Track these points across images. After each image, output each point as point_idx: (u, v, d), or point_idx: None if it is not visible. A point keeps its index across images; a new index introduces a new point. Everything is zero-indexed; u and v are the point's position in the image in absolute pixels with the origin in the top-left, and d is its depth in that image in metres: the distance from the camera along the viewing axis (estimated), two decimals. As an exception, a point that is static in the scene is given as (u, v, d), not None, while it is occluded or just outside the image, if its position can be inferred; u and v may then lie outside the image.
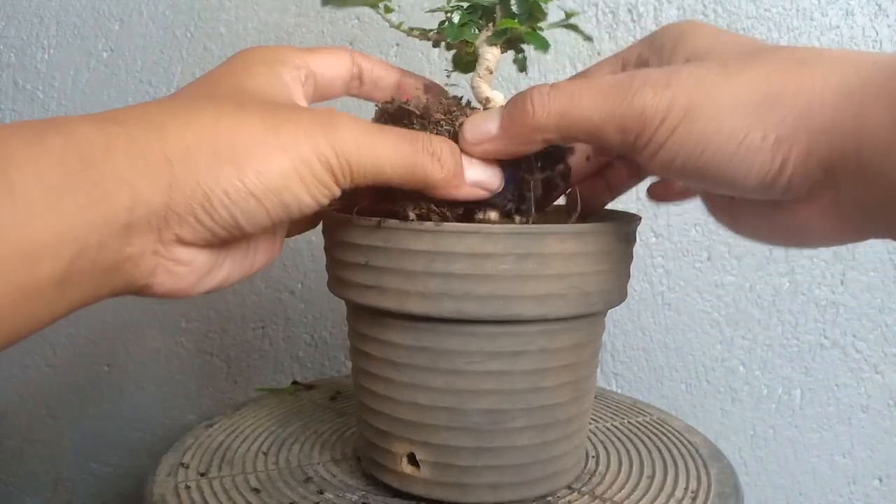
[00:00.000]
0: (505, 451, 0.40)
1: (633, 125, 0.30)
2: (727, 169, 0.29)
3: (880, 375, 0.70)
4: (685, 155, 0.29)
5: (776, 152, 0.28)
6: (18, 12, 0.81)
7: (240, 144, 0.28)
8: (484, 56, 0.39)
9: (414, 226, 0.36)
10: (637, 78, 0.30)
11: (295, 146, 0.29)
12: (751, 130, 0.28)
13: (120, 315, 0.84)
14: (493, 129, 0.34)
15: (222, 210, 0.28)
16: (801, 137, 0.27)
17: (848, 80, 0.26)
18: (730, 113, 0.28)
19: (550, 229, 0.36)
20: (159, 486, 0.44)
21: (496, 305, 0.37)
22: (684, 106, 0.29)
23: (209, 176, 0.28)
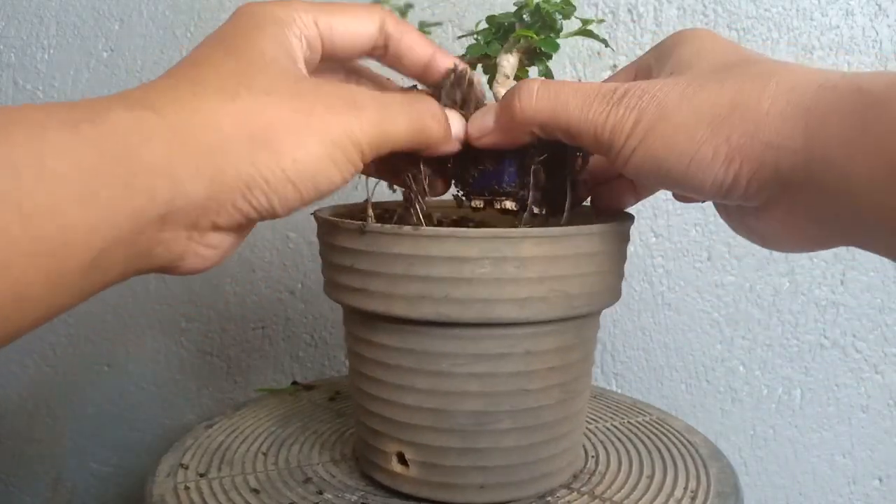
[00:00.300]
0: (491, 452, 0.40)
1: (604, 138, 0.33)
2: (685, 179, 0.31)
3: (880, 375, 0.70)
4: (648, 167, 0.32)
5: (727, 167, 0.29)
6: (18, 12, 0.81)
7: (274, 129, 0.29)
8: (501, 64, 0.41)
9: (394, 229, 0.37)
10: (618, 91, 0.32)
11: (327, 130, 0.30)
12: (701, 147, 0.30)
13: (120, 315, 0.84)
14: (490, 123, 0.37)
15: (261, 197, 0.29)
16: (750, 153, 0.29)
17: (794, 102, 0.28)
18: (684, 131, 0.30)
19: (527, 233, 0.36)
20: (159, 487, 0.44)
21: (476, 308, 0.37)
22: (646, 125, 0.31)
23: (249, 164, 0.28)
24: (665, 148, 0.31)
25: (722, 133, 0.29)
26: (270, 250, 0.78)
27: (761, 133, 0.28)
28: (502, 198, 0.40)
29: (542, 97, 0.34)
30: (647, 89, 0.32)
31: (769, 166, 0.29)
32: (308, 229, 0.77)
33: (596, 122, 0.33)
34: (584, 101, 0.33)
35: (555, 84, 0.34)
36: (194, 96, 0.28)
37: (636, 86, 0.32)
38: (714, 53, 0.33)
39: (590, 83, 0.34)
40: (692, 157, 0.30)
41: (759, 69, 0.30)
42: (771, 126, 0.28)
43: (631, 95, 0.32)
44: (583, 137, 0.34)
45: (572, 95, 0.33)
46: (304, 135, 0.29)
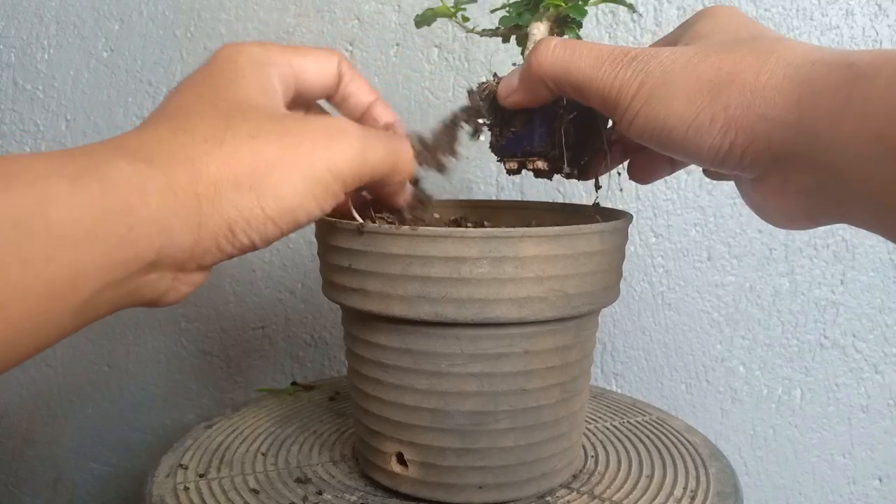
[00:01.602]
0: (489, 452, 0.40)
1: (611, 98, 0.33)
2: (684, 144, 0.32)
3: (880, 375, 0.70)
4: (650, 129, 0.32)
5: (724, 134, 0.30)
6: (18, 12, 0.81)
7: (258, 170, 0.30)
8: (531, 32, 0.42)
9: (392, 230, 0.37)
10: (629, 55, 0.33)
11: (311, 165, 0.31)
12: (700, 112, 0.31)
13: (120, 315, 0.83)
14: (515, 82, 0.39)
15: (243, 237, 0.30)
16: (745, 123, 0.30)
17: (789, 77, 0.29)
18: (685, 96, 0.31)
19: (526, 232, 0.36)
20: (158, 488, 0.44)
21: (475, 308, 0.37)
22: (650, 87, 0.32)
23: (232, 208, 0.29)
24: (666, 111, 0.31)
25: (720, 101, 0.30)
26: (270, 250, 0.78)
27: (757, 105, 0.29)
28: (534, 158, 0.41)
29: (557, 52, 0.35)
30: (656, 55, 0.32)
31: (762, 138, 0.29)
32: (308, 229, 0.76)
33: (604, 81, 0.33)
34: (596, 60, 0.34)
35: (573, 42, 0.36)
36: (185, 147, 0.29)
37: (646, 51, 0.33)
38: (729, 28, 0.34)
39: (603, 45, 0.35)
40: (691, 123, 0.31)
41: (764, 44, 0.31)
42: (766, 99, 0.29)
43: (640, 60, 0.33)
44: (591, 95, 0.35)
45: (586, 54, 0.35)
46: (287, 173, 0.31)
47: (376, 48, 0.74)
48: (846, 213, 0.30)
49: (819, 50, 0.29)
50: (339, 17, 0.74)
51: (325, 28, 0.75)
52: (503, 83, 0.39)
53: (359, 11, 0.73)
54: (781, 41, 0.31)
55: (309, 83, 0.37)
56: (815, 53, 0.29)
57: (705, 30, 0.34)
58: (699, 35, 0.34)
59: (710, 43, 0.33)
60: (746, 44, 0.31)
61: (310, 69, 0.37)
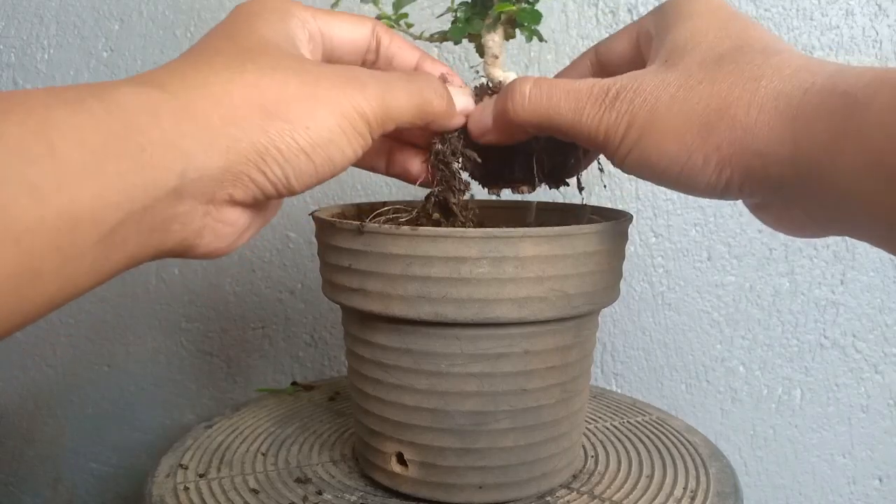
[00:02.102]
0: (489, 452, 0.40)
1: (599, 140, 0.33)
2: (679, 182, 0.31)
3: (880, 375, 0.70)
4: (643, 169, 0.32)
5: (719, 172, 0.30)
6: (18, 12, 0.81)
7: (285, 101, 0.29)
8: (486, 45, 0.41)
9: (392, 230, 0.37)
10: (610, 92, 0.33)
11: (336, 101, 0.30)
12: (692, 154, 0.30)
13: (120, 315, 0.84)
14: (488, 123, 0.38)
15: (276, 168, 0.29)
16: (739, 161, 0.29)
17: (781, 111, 0.28)
18: (674, 137, 0.30)
19: (526, 232, 0.36)
20: (158, 488, 0.44)
21: (474, 308, 0.37)
22: (638, 130, 0.32)
23: (262, 134, 0.28)
24: (657, 153, 0.31)
25: (712, 141, 0.29)
26: (270, 250, 0.78)
27: (750, 142, 0.29)
28: (516, 184, 0.41)
29: (533, 100, 0.35)
30: (639, 90, 0.32)
31: (759, 173, 0.29)
32: (308, 229, 0.77)
33: (589, 126, 0.33)
34: (576, 104, 0.33)
35: (546, 85, 0.34)
36: (202, 73, 0.28)
37: (628, 85, 0.32)
38: (709, 37, 0.32)
39: (583, 81, 0.34)
40: (684, 164, 0.30)
41: (750, 69, 0.30)
42: (759, 136, 0.28)
43: (622, 99, 0.32)
44: (578, 139, 0.34)
45: (564, 97, 0.34)
46: (313, 106, 0.30)
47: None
48: (851, 229, 0.29)
49: (806, 71, 0.28)
50: (339, 17, 0.74)
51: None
52: (474, 122, 0.38)
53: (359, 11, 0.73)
54: (767, 59, 0.30)
55: (337, 44, 0.36)
56: (805, 78, 0.28)
57: (683, 40, 0.33)
58: (679, 49, 0.33)
59: (693, 64, 0.31)
60: (731, 66, 0.30)
61: (339, 30, 0.36)
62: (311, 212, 0.43)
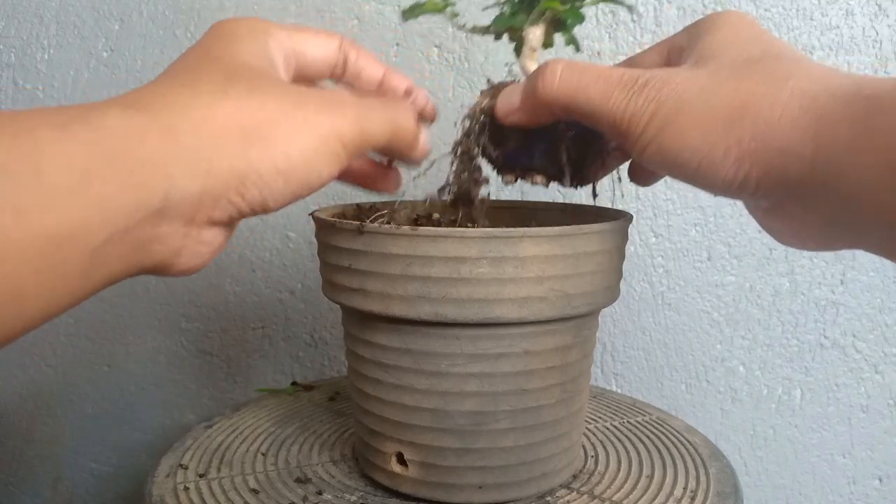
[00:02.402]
0: (489, 452, 0.40)
1: (622, 126, 0.33)
2: (697, 175, 0.31)
3: (880, 375, 0.70)
4: (662, 159, 0.32)
5: (738, 167, 0.30)
6: (18, 12, 0.81)
7: (265, 124, 0.29)
8: (527, 37, 0.41)
9: (392, 230, 0.37)
10: (640, 80, 0.33)
11: (316, 125, 0.31)
12: (713, 146, 0.30)
13: (120, 315, 0.84)
14: (516, 102, 0.38)
15: (254, 190, 0.29)
16: (760, 157, 0.29)
17: (805, 109, 0.28)
18: (698, 128, 0.31)
19: (526, 232, 0.36)
20: (158, 488, 0.44)
21: (474, 308, 0.37)
22: (663, 118, 0.31)
23: (242, 159, 0.28)
24: (679, 142, 0.31)
25: (734, 134, 0.29)
26: (270, 250, 0.78)
27: (772, 138, 0.29)
28: (532, 173, 0.41)
29: (564, 80, 0.35)
30: (668, 81, 0.32)
31: (778, 170, 0.29)
32: (308, 229, 0.77)
33: (615, 110, 0.33)
34: (605, 87, 0.33)
35: (579, 67, 0.35)
36: (183, 97, 0.28)
37: (658, 76, 0.32)
38: (739, 44, 0.33)
39: (614, 68, 0.34)
40: (704, 155, 0.30)
41: (778, 70, 0.30)
42: (782, 132, 0.28)
43: (651, 87, 0.32)
44: (602, 123, 0.34)
45: (594, 80, 0.34)
46: (293, 130, 0.30)
47: (376, 48, 0.74)
48: (862, 240, 0.29)
49: (834, 76, 0.29)
50: (339, 17, 0.74)
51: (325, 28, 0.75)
52: (503, 101, 0.39)
53: (359, 11, 0.73)
54: (796, 63, 0.30)
55: (309, 61, 0.37)
56: (832, 81, 0.28)
57: (715, 45, 0.33)
58: (709, 52, 0.33)
59: (722, 65, 0.32)
60: (760, 66, 0.31)
61: (310, 47, 0.37)
62: (311, 212, 0.43)
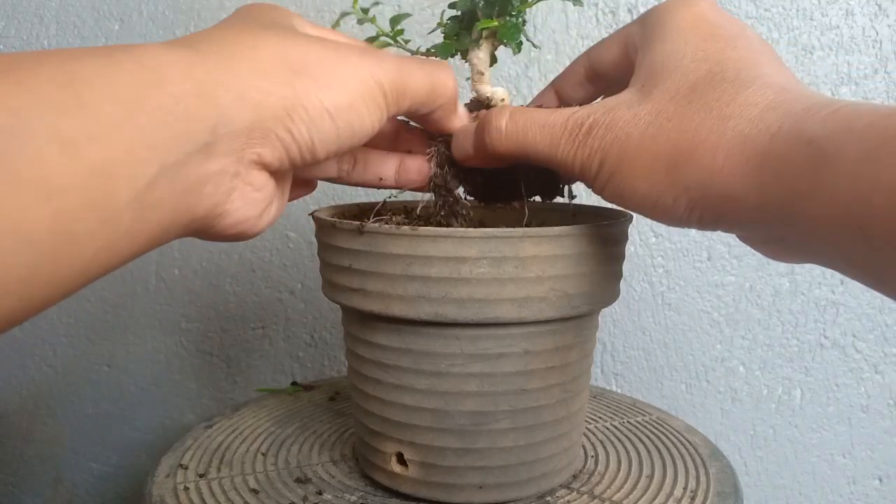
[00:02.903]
0: (489, 452, 0.40)
1: (574, 174, 0.34)
2: (654, 216, 0.32)
3: (880, 375, 0.70)
4: (619, 202, 0.33)
5: (689, 211, 0.30)
6: (18, 12, 0.81)
7: (309, 60, 0.29)
8: (472, 62, 0.41)
9: (392, 230, 0.37)
10: (583, 127, 0.33)
11: (357, 67, 0.31)
12: (662, 194, 0.31)
13: (120, 315, 0.84)
14: (469, 150, 0.38)
15: (302, 127, 0.29)
16: (708, 203, 0.30)
17: (748, 156, 0.28)
18: (644, 177, 0.31)
19: (526, 232, 0.36)
20: (158, 488, 0.44)
21: (474, 309, 0.37)
22: (610, 168, 0.32)
23: (289, 89, 0.28)
24: (630, 190, 0.32)
25: (681, 182, 0.30)
26: (270, 250, 0.78)
27: (717, 187, 0.29)
28: (510, 202, 0.42)
29: (509, 135, 0.35)
30: (612, 126, 0.32)
31: (729, 214, 0.29)
32: (308, 229, 0.77)
33: (564, 160, 0.34)
34: (550, 139, 0.34)
35: (522, 119, 0.35)
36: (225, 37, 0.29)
37: (601, 121, 0.33)
38: (685, 62, 0.32)
39: (559, 112, 0.34)
40: (655, 202, 0.31)
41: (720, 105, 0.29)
42: (726, 181, 0.29)
43: (594, 135, 0.33)
44: (555, 168, 0.35)
45: (539, 132, 0.34)
46: (336, 68, 0.30)
47: (376, 48, 0.73)
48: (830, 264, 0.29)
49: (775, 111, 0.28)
50: (339, 17, 0.74)
51: (325, 28, 0.75)
52: (457, 146, 0.39)
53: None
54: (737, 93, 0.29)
55: None
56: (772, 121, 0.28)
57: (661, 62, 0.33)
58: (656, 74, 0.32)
59: (666, 94, 0.31)
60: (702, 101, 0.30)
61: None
62: (311, 212, 0.43)
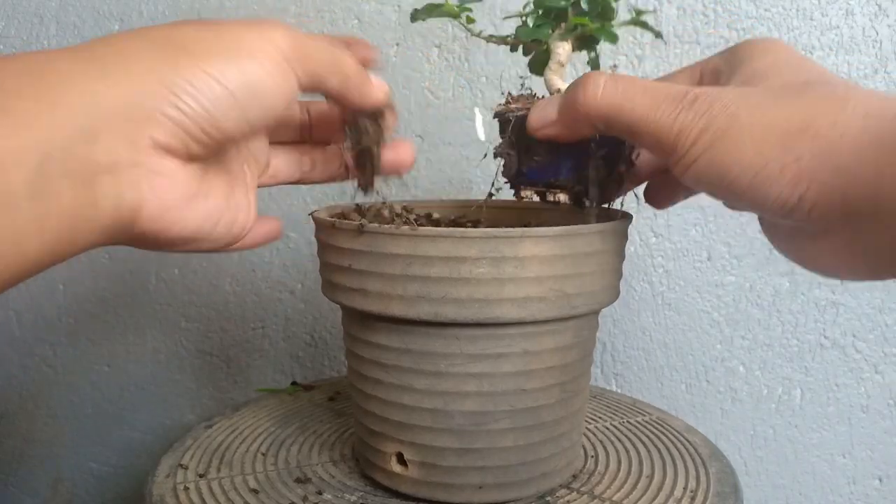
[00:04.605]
0: (489, 452, 0.40)
1: (669, 140, 0.31)
2: (747, 194, 0.30)
3: (880, 375, 0.70)
4: (710, 176, 0.31)
5: (794, 185, 0.28)
6: (18, 12, 0.81)
7: (187, 39, 0.28)
8: (555, 51, 0.40)
9: (392, 230, 0.37)
10: (689, 94, 0.31)
11: (242, 31, 0.30)
12: (769, 162, 0.29)
13: (120, 315, 0.84)
14: (552, 115, 0.36)
15: (190, 101, 0.28)
16: (819, 176, 0.28)
17: (869, 129, 0.27)
18: (754, 143, 0.29)
19: (526, 232, 0.36)
20: (158, 488, 0.44)
21: (474, 308, 0.37)
22: (715, 133, 0.30)
23: (167, 68, 0.27)
24: (731, 159, 0.30)
25: (793, 152, 0.28)
26: (270, 250, 0.78)
27: (833, 157, 0.27)
28: (556, 190, 0.40)
29: (608, 92, 0.33)
30: (720, 97, 0.31)
31: (837, 192, 0.28)
32: (308, 229, 0.77)
33: (663, 123, 0.31)
34: (652, 100, 0.32)
35: (623, 79, 0.33)
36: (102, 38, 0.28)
37: (708, 92, 0.31)
38: (789, 68, 0.32)
39: (659, 83, 0.33)
40: (758, 172, 0.29)
41: (836, 91, 0.29)
42: (843, 152, 0.27)
43: (702, 101, 0.31)
44: (645, 138, 0.33)
45: (641, 93, 0.32)
46: (216, 36, 0.29)
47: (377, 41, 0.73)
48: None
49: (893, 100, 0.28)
50: (339, 17, 0.74)
51: (326, 28, 0.75)
52: (536, 114, 0.37)
53: (359, 11, 0.73)
54: (853, 87, 0.29)
55: None
56: (892, 105, 0.27)
57: (763, 69, 0.32)
58: (758, 75, 0.32)
59: (775, 85, 0.31)
60: (817, 88, 0.30)
61: None
62: (311, 212, 0.43)
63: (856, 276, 0.32)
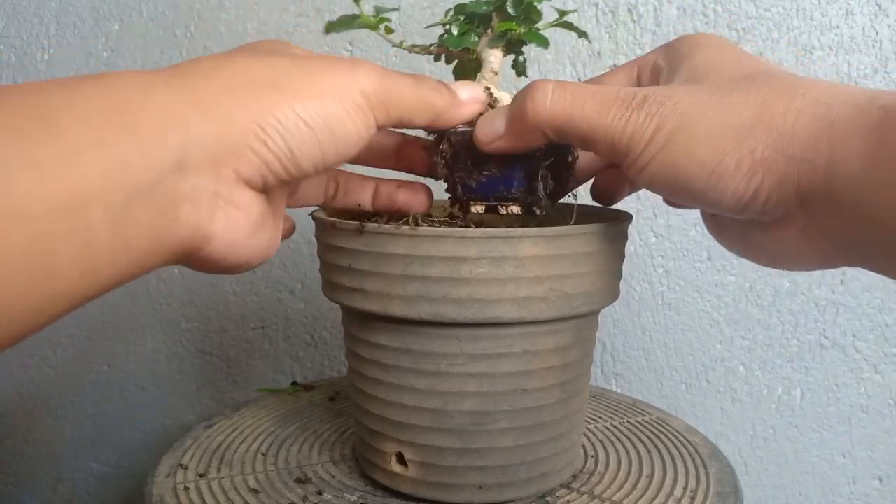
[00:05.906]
0: (489, 452, 0.40)
1: (622, 144, 0.31)
2: (704, 192, 0.30)
3: (880, 375, 0.70)
4: (666, 176, 0.31)
5: (749, 180, 0.29)
6: (18, 12, 0.81)
7: (278, 76, 0.29)
8: (487, 59, 0.40)
9: (392, 230, 0.37)
10: (637, 96, 0.31)
11: (331, 75, 0.30)
12: (725, 157, 0.29)
13: (120, 315, 0.84)
14: (500, 128, 0.36)
15: (277, 138, 0.28)
16: (773, 167, 0.28)
17: (819, 116, 0.27)
18: (707, 141, 0.29)
19: (526, 232, 0.36)
20: (158, 488, 0.44)
21: (474, 309, 0.37)
22: (667, 133, 0.30)
23: (258, 105, 0.28)
24: (686, 157, 0.30)
25: (746, 145, 0.28)
26: (270, 250, 0.78)
27: (786, 146, 0.28)
28: (508, 203, 0.39)
29: (557, 99, 0.33)
30: (669, 96, 0.31)
31: (791, 181, 0.28)
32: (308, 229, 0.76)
33: (615, 127, 0.31)
34: (601, 105, 0.32)
35: (570, 86, 0.33)
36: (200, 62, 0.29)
37: (657, 92, 0.31)
38: (731, 63, 0.32)
39: (606, 87, 0.33)
40: (713, 169, 0.29)
41: (785, 81, 0.29)
42: (796, 140, 0.27)
43: (651, 102, 0.31)
44: (598, 143, 0.32)
45: (590, 99, 0.32)
46: (307, 78, 0.30)
47: (376, 48, 0.74)
48: (870, 257, 0.29)
49: (843, 88, 0.28)
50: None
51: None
52: (483, 127, 0.36)
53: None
54: (799, 77, 0.30)
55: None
56: (842, 92, 0.28)
57: (705, 64, 0.32)
58: (700, 71, 0.32)
59: (722, 80, 0.31)
60: (764, 78, 0.30)
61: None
62: (311, 212, 0.43)
63: (807, 264, 0.32)
